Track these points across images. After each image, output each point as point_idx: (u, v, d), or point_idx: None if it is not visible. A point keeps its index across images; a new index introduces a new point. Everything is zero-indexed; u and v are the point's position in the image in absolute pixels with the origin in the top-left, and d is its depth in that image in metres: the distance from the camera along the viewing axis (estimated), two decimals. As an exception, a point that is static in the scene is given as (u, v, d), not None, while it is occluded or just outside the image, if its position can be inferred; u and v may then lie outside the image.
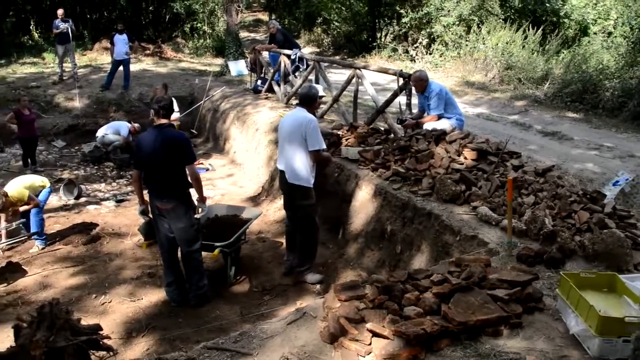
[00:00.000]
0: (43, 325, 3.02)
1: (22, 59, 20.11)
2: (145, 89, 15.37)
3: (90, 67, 18.82)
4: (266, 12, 35.26)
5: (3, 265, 7.52)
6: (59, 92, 15.46)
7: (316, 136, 6.07)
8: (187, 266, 6.15)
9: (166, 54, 22.10)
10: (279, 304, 6.09)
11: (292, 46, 12.55)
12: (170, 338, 5.45)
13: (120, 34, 15.33)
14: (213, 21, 25.46)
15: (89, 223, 8.90)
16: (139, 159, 5.98)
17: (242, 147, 11.65)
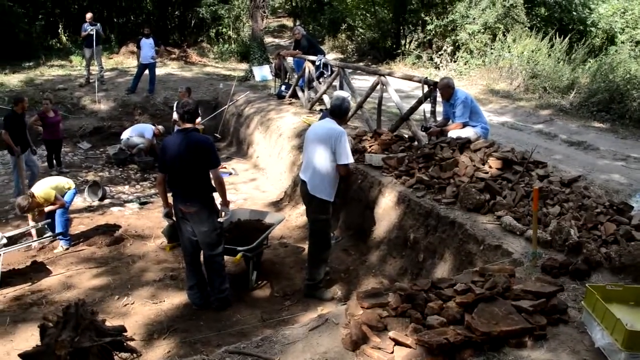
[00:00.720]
0: (69, 326, 3.05)
1: (50, 61, 20.40)
2: (170, 93, 15.50)
3: (116, 70, 19.03)
4: (290, 18, 35.43)
5: (28, 265, 7.64)
6: (85, 95, 15.67)
7: (345, 149, 5.93)
8: (209, 269, 6.18)
9: (191, 58, 22.27)
10: (299, 309, 6.09)
11: (316, 52, 12.57)
12: (192, 341, 5.47)
13: (146, 38, 15.49)
14: (238, 26, 25.63)
15: (113, 225, 9.01)
16: (164, 162, 6.00)
17: (265, 152, 11.70)
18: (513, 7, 19.02)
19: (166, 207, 6.20)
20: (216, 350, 4.14)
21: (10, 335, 5.70)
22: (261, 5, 17.68)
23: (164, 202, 6.20)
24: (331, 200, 6.15)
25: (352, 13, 25.05)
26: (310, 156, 6.17)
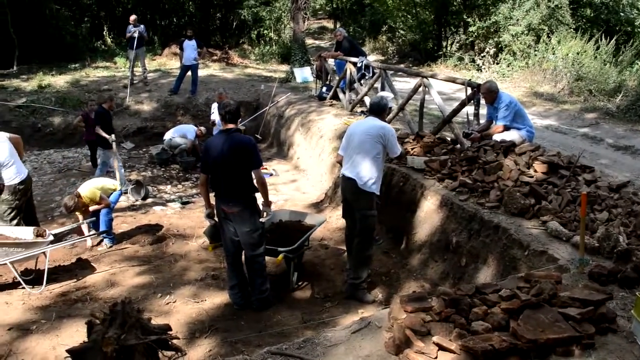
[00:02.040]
0: (115, 323, 3.10)
1: (95, 62, 20.86)
2: (212, 94, 15.64)
3: (159, 71, 19.33)
4: (331, 20, 35.46)
5: (73, 262, 7.81)
6: (129, 96, 15.94)
7: (395, 142, 6.15)
8: (250, 270, 6.21)
9: (233, 59, 22.48)
10: (340, 311, 6.06)
11: (358, 54, 12.56)
12: (232, 341, 5.50)
13: (189, 40, 15.70)
14: (279, 28, 25.77)
15: (155, 224, 9.14)
16: (207, 162, 6.02)
17: (306, 154, 11.72)
18: (558, 8, 18.69)
19: (208, 207, 6.24)
20: (257, 350, 4.17)
21: (56, 330, 5.81)
22: (302, 7, 17.78)
23: (206, 203, 6.24)
24: (378, 194, 6.16)
25: (393, 14, 24.92)
26: (357, 152, 6.11)
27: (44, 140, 14.59)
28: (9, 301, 6.54)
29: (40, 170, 12.30)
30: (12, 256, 6.72)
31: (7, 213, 7.50)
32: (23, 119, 14.63)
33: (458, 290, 3.83)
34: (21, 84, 17.20)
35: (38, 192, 10.75)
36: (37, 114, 15.06)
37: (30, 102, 15.37)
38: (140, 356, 3.05)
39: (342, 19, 32.42)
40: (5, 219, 7.54)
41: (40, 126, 14.80)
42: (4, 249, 6.71)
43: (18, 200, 7.53)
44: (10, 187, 7.45)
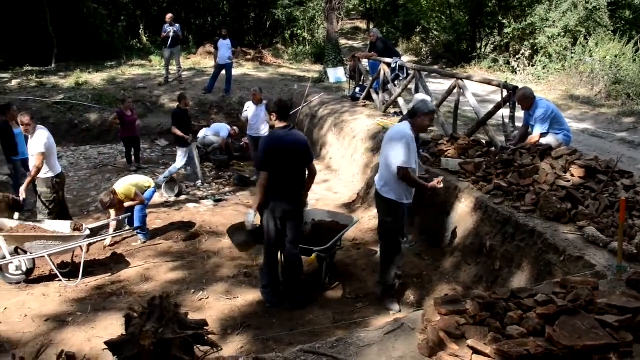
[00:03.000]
0: (153, 317, 3.14)
1: (131, 61, 21.16)
2: (246, 93, 15.73)
3: (194, 70, 19.51)
4: (364, 20, 35.39)
5: (108, 256, 7.95)
6: (164, 94, 16.16)
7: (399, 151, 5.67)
8: (294, 267, 6.23)
9: (266, 59, 22.58)
10: (372, 312, 6.06)
11: (392, 55, 12.52)
12: (264, 338, 5.54)
13: (224, 39, 15.82)
14: (313, 28, 25.82)
15: (188, 221, 9.24)
16: (271, 160, 5.84)
17: (339, 154, 11.73)
18: (596, 10, 18.37)
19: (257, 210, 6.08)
20: (288, 348, 4.20)
21: (91, 322, 5.93)
22: (337, 7, 17.79)
23: (259, 205, 6.00)
24: (400, 202, 5.95)
25: (427, 15, 24.78)
26: (380, 157, 6.20)
27: (80, 137, 14.85)
28: (46, 293, 6.69)
29: (76, 166, 12.53)
30: (50, 249, 6.87)
31: (44, 206, 7.70)
32: (60, 115, 14.90)
33: (493, 294, 3.80)
34: (59, 81, 17.55)
35: (74, 187, 10.96)
36: (74, 110, 15.34)
37: (67, 99, 15.66)
38: (177, 350, 3.08)
39: (375, 20, 32.33)
40: (43, 212, 7.76)
41: (77, 122, 15.06)
42: (43, 242, 6.87)
43: (55, 194, 7.73)
44: (46, 181, 7.67)
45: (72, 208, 9.89)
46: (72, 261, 7.49)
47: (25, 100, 14.99)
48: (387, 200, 5.94)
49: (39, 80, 17.45)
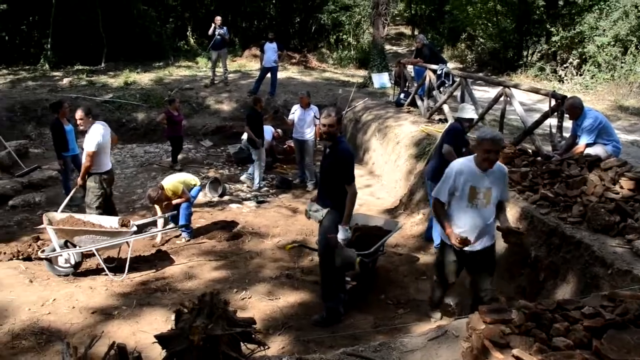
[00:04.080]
0: (203, 313, 3.21)
1: (178, 62, 21.53)
2: (290, 96, 15.89)
3: (239, 72, 19.75)
4: (409, 26, 35.27)
5: (153, 253, 8.11)
6: (209, 95, 16.41)
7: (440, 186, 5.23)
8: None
9: (311, 63, 22.71)
10: (413, 319, 6.05)
11: (438, 61, 12.47)
12: (305, 340, 5.58)
13: (270, 43, 15.98)
14: (358, 33, 25.83)
15: (231, 221, 9.36)
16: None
17: (382, 159, 11.73)
18: (648, 19, 17.98)
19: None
20: (330, 351, 4.22)
21: (136, 317, 6.05)
22: (383, 12, 17.77)
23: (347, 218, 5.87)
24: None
25: (473, 22, 24.55)
26: None
27: (127, 135, 15.16)
28: (93, 286, 6.86)
29: (123, 164, 12.81)
30: (98, 243, 7.05)
31: (92, 201, 7.92)
32: (109, 113, 15.24)
33: (539, 305, 3.77)
34: (108, 80, 17.97)
35: (120, 184, 11.21)
36: (122, 109, 15.70)
37: (116, 98, 16.03)
38: (225, 347, 3.15)
39: (420, 26, 32.20)
40: (91, 206, 7.96)
41: (125, 121, 15.41)
42: (91, 236, 7.04)
43: (103, 190, 7.93)
44: (95, 176, 7.86)
45: (119, 205, 10.11)
46: (118, 256, 7.68)
47: (75, 99, 15.38)
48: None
49: (89, 79, 17.92)
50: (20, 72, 19.58)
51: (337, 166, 5.70)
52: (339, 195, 5.76)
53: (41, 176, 11.60)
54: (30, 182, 11.35)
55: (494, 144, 4.74)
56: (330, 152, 5.78)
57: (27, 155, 12.88)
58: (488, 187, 4.91)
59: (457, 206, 5.04)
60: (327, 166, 5.85)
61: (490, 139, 4.73)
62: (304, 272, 7.27)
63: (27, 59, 21.42)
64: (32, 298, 6.30)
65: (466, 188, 4.91)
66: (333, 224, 5.76)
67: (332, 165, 5.74)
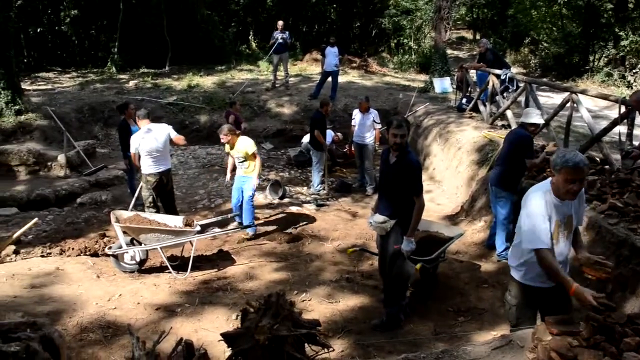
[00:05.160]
0: (269, 313, 3.27)
1: (240, 65, 21.85)
2: (351, 100, 15.90)
3: (300, 76, 19.89)
4: (470, 31, 34.84)
5: (214, 252, 8.26)
6: (270, 98, 16.58)
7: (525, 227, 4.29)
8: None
9: (371, 67, 22.65)
10: (473, 327, 5.97)
11: (501, 66, 12.26)
12: (365, 344, 5.58)
13: (331, 47, 16.04)
14: (419, 37, 25.65)
15: (291, 223, 9.44)
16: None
17: (442, 165, 11.62)
18: None
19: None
20: (390, 356, 4.21)
21: (198, 314, 6.16)
22: (445, 17, 17.60)
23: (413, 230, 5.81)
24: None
25: (537, 26, 24.03)
26: None
27: (190, 137, 15.40)
28: (157, 283, 7.03)
29: (185, 165, 13.09)
30: (163, 242, 7.23)
31: (144, 199, 8.40)
32: (173, 115, 15.59)
33: (608, 318, 3.67)
34: (172, 83, 18.39)
35: (183, 185, 11.47)
36: (186, 111, 16.05)
37: (179, 100, 16.38)
38: (290, 347, 3.19)
39: (482, 30, 31.75)
40: (146, 204, 8.29)
41: (188, 123, 15.73)
42: (156, 234, 7.22)
43: (150, 190, 8.28)
44: (143, 176, 8.30)
45: (181, 204, 10.36)
46: (181, 255, 7.85)
47: (141, 100, 15.81)
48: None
49: (154, 82, 18.39)
50: (89, 75, 20.27)
51: (405, 177, 5.59)
52: (404, 206, 5.69)
53: (107, 175, 11.98)
54: (97, 181, 11.75)
55: (577, 172, 3.85)
56: (397, 161, 5.65)
57: (94, 154, 13.30)
58: (569, 215, 4.14)
59: None
60: (392, 176, 5.71)
61: (573, 166, 3.82)
62: (364, 276, 7.27)
63: (96, 62, 22.17)
64: (99, 293, 6.50)
65: (552, 224, 4.07)
66: (400, 234, 5.72)
67: (399, 175, 5.62)
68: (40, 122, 13.58)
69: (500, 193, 7.28)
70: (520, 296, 4.39)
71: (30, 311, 5.65)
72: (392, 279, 5.96)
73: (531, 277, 4.26)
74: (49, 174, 12.19)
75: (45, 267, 7.04)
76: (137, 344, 3.35)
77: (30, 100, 14.71)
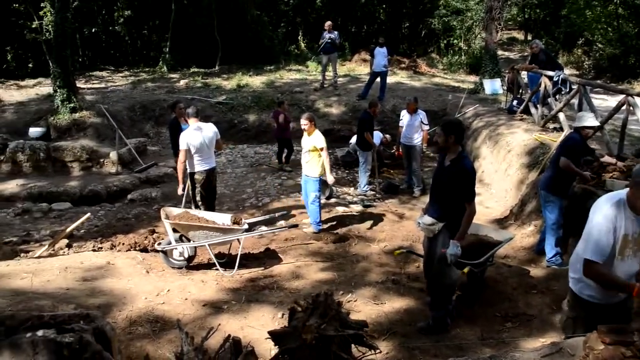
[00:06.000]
0: (316, 313, 3.27)
1: (288, 65, 21.98)
2: (399, 101, 15.83)
3: (348, 76, 19.89)
4: (521, 31, 34.22)
5: (261, 251, 8.33)
6: (319, 99, 16.64)
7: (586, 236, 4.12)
8: None
9: (420, 68, 22.50)
10: (521, 334, 5.85)
11: (554, 67, 12.01)
12: (410, 347, 5.53)
13: (380, 47, 16.00)
14: (469, 38, 25.35)
15: (337, 224, 9.47)
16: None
17: (491, 168, 11.46)
18: None
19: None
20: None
21: (244, 312, 6.20)
22: (497, 17, 17.36)
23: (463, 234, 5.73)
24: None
25: (592, 27, 23.45)
26: None
27: (238, 136, 15.69)
28: (205, 280, 7.11)
29: (234, 163, 13.24)
30: (211, 239, 7.32)
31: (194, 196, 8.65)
32: (222, 114, 15.81)
33: (665, 328, 3.56)
34: (222, 82, 18.65)
35: (231, 183, 11.60)
36: (234, 110, 16.25)
37: (229, 100, 16.58)
38: (336, 347, 3.19)
39: (533, 30, 31.15)
40: (194, 201, 8.64)
41: (236, 122, 15.94)
42: (205, 232, 7.32)
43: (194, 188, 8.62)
44: (192, 174, 8.56)
45: (229, 202, 10.50)
46: (228, 252, 7.94)
47: (191, 99, 16.08)
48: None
49: (204, 81, 18.69)
50: (141, 74, 20.72)
51: (458, 181, 5.49)
52: (454, 210, 5.60)
53: (157, 172, 12.24)
54: (148, 177, 12.02)
55: None
56: (451, 165, 5.57)
57: (145, 152, 13.59)
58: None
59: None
60: (445, 179, 5.63)
61: None
62: (410, 279, 7.20)
63: (147, 62, 22.66)
64: (148, 287, 6.61)
65: (619, 238, 3.78)
66: (447, 238, 5.66)
67: (452, 179, 5.53)
68: (94, 119, 13.94)
69: (548, 197, 7.15)
70: (577, 309, 4.21)
71: (82, 303, 5.78)
72: (437, 283, 5.90)
73: (589, 294, 4.06)
74: (101, 171, 12.52)
75: (96, 261, 7.21)
76: (186, 339, 3.40)
77: (85, 99, 15.13)
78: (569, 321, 4.28)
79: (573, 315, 4.24)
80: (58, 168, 12.66)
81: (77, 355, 2.61)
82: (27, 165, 12.60)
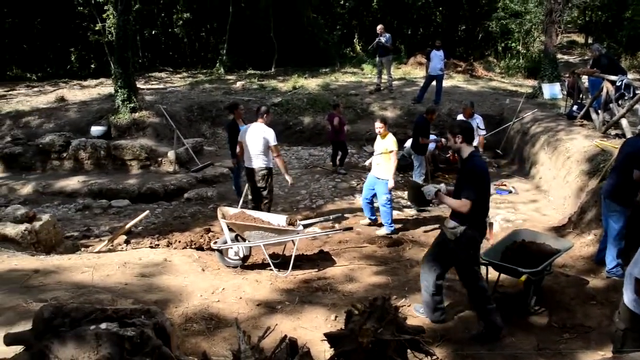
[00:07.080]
0: (373, 316, 3.28)
1: (344, 68, 22.03)
2: (455, 105, 15.67)
3: (403, 80, 19.79)
4: (581, 34, 33.42)
5: (315, 252, 8.38)
6: (374, 102, 16.62)
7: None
8: None
9: (477, 72, 22.20)
10: (579, 345, 5.71)
11: (617, 72, 11.66)
12: (463, 354, 5.48)
13: (437, 50, 15.88)
14: (528, 41, 24.89)
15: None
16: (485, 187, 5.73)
17: (550, 174, 11.21)
18: None
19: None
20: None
21: (297, 313, 6.23)
22: (557, 20, 17.00)
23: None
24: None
25: (657, 30, 22.79)
26: None
27: (293, 137, 15.80)
28: (259, 280, 7.19)
29: (288, 165, 13.28)
30: (266, 240, 7.40)
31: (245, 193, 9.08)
32: (277, 116, 15.92)
33: None
34: (278, 84, 18.82)
35: (286, 185, 11.64)
36: (290, 112, 16.37)
37: (284, 102, 16.72)
38: (392, 352, 3.19)
39: (594, 33, 30.37)
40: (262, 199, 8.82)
41: (292, 124, 16.06)
42: (260, 232, 7.41)
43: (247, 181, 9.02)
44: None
45: (283, 204, 10.61)
46: (282, 253, 8.01)
47: (247, 101, 16.28)
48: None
49: (260, 83, 18.90)
50: (198, 75, 21.10)
51: (465, 181, 5.58)
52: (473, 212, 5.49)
53: (213, 172, 12.45)
54: (204, 177, 12.24)
55: None
56: (462, 166, 5.71)
57: (201, 152, 13.83)
58: None
59: None
60: (458, 181, 5.77)
61: None
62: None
63: (205, 63, 23.09)
64: (203, 285, 6.71)
65: None
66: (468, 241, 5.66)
67: (462, 180, 5.64)
68: (153, 119, 14.26)
69: (613, 207, 6.93)
70: (629, 323, 4.14)
71: (140, 299, 5.91)
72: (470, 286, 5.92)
73: None
74: (159, 169, 12.81)
75: (154, 258, 7.37)
76: (243, 337, 3.44)
77: (144, 99, 15.48)
78: (619, 333, 4.21)
79: (624, 328, 4.17)
80: (117, 166, 13.02)
81: (138, 348, 2.68)
82: (89, 163, 13.01)
